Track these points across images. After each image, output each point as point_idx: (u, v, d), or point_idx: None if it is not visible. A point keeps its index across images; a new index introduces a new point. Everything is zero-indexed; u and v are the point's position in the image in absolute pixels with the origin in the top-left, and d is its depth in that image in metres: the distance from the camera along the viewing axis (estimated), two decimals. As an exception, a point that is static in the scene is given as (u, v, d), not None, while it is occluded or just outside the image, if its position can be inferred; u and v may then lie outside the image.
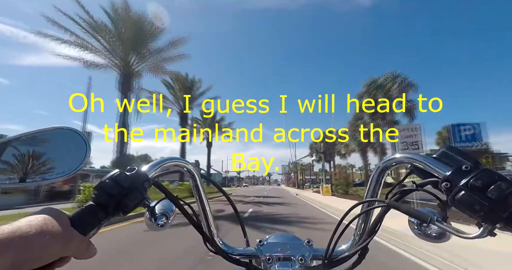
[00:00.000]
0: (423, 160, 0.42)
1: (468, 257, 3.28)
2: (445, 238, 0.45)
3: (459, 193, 0.34)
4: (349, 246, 0.56)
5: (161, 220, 0.51)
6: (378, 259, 3.63)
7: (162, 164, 0.49)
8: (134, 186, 0.39)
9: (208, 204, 0.61)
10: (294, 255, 0.53)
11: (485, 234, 0.34)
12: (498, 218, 0.31)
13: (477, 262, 3.17)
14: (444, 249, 3.56)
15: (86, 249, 0.34)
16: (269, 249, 0.55)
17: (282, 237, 0.60)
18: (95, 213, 0.37)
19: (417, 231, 0.47)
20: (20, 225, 0.30)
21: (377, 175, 0.51)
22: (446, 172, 0.37)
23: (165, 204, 0.52)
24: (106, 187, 0.38)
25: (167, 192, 0.49)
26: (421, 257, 3.77)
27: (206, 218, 0.60)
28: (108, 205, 0.37)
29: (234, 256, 0.56)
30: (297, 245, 0.55)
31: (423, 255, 3.78)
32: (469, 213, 0.33)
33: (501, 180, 0.32)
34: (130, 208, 0.39)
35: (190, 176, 0.58)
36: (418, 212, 0.43)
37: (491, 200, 0.31)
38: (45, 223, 0.31)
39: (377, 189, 0.52)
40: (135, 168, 0.42)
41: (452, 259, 3.35)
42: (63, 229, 0.32)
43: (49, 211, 0.33)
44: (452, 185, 0.35)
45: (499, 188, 0.32)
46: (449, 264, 3.32)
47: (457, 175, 0.36)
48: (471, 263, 3.16)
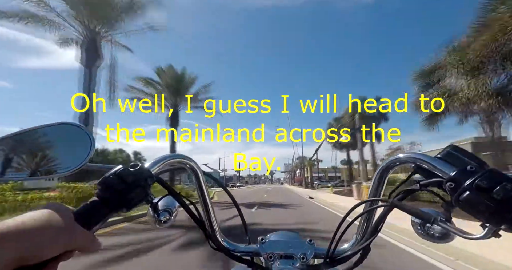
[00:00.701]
0: (427, 160, 0.42)
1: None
2: (449, 239, 0.45)
3: (463, 194, 0.34)
4: (351, 245, 0.56)
5: (164, 216, 0.51)
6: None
7: (165, 161, 0.50)
8: (137, 182, 0.39)
9: (210, 201, 0.61)
10: (296, 253, 0.53)
11: (489, 235, 0.34)
12: (503, 219, 0.31)
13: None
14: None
15: (91, 243, 0.34)
16: (270, 247, 0.55)
17: (284, 235, 0.60)
18: (98, 209, 0.37)
19: (420, 231, 0.47)
20: (25, 219, 0.30)
21: (380, 175, 0.51)
22: (450, 172, 0.37)
23: (168, 201, 0.52)
24: (110, 182, 0.38)
25: (170, 188, 0.49)
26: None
27: (209, 216, 0.60)
28: (111, 201, 0.37)
29: (236, 254, 0.56)
30: (299, 243, 0.55)
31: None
32: (474, 213, 0.33)
33: (507, 181, 0.32)
34: (133, 204, 0.39)
35: (193, 173, 0.58)
36: (421, 212, 0.43)
37: (496, 201, 0.31)
38: (49, 217, 0.31)
39: (380, 188, 0.52)
40: (138, 164, 0.42)
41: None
42: (67, 224, 0.32)
43: (54, 206, 0.34)
44: (456, 186, 0.35)
45: (504, 189, 0.31)
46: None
47: (462, 176, 0.35)
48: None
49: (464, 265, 3.28)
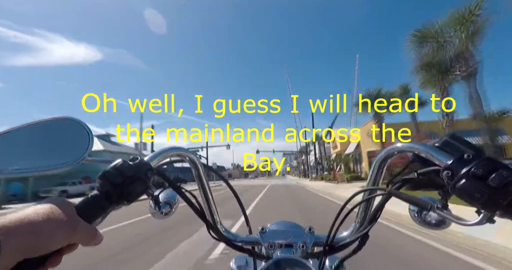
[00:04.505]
0: (425, 149, 0.43)
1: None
2: (445, 225, 0.46)
3: (460, 181, 0.34)
4: (350, 233, 0.57)
5: (165, 208, 0.52)
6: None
7: (164, 154, 0.50)
8: (137, 175, 0.40)
9: (210, 192, 0.62)
10: (296, 241, 0.54)
11: (484, 221, 0.35)
12: (497, 206, 0.32)
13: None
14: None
15: (93, 236, 0.35)
16: (271, 236, 0.56)
17: (284, 224, 0.61)
18: (99, 202, 0.37)
19: (417, 218, 0.48)
20: (27, 213, 0.30)
21: (379, 164, 0.52)
22: (447, 161, 0.37)
23: (168, 193, 0.53)
24: (110, 176, 0.38)
25: (170, 181, 0.49)
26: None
27: (209, 207, 0.61)
28: (112, 194, 0.38)
29: (237, 243, 0.57)
30: (299, 232, 0.56)
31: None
32: (470, 200, 0.33)
33: (503, 168, 0.33)
34: (134, 196, 0.39)
35: (192, 165, 0.58)
36: (418, 200, 0.43)
37: (492, 188, 0.32)
38: (51, 211, 0.32)
39: (378, 177, 0.53)
40: (137, 158, 0.42)
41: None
42: (69, 217, 0.32)
43: (55, 200, 0.34)
44: (453, 174, 0.36)
45: (500, 176, 0.32)
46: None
47: (459, 164, 0.36)
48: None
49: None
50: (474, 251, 3.47)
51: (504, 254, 3.18)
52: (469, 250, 3.55)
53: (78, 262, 3.28)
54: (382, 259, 3.35)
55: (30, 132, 0.45)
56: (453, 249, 3.61)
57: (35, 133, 0.45)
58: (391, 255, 3.54)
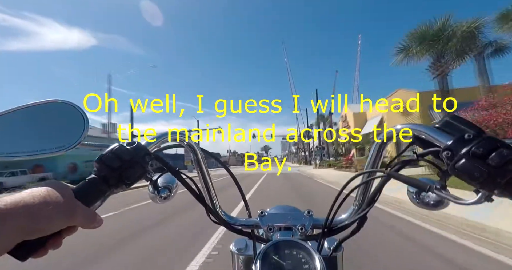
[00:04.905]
0: (424, 130, 0.42)
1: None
2: (443, 206, 0.46)
3: (459, 161, 0.34)
4: (349, 215, 0.58)
5: (164, 193, 0.52)
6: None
7: (162, 138, 0.49)
8: (135, 159, 0.39)
9: (210, 177, 0.62)
10: (295, 224, 0.55)
11: (482, 200, 0.35)
12: (496, 184, 0.32)
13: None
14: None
15: (92, 219, 0.35)
16: (270, 219, 0.56)
17: (283, 208, 0.61)
18: (97, 186, 0.37)
19: (415, 200, 0.48)
20: (23, 196, 0.30)
21: (378, 146, 0.51)
22: (447, 141, 0.37)
23: (167, 178, 0.53)
24: (107, 160, 0.38)
25: (168, 165, 0.49)
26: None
27: (208, 191, 0.61)
28: (109, 178, 0.38)
29: (237, 227, 0.58)
30: (298, 215, 0.57)
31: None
32: (469, 180, 0.33)
33: (503, 147, 0.32)
34: (133, 180, 0.39)
35: (191, 150, 0.58)
36: (417, 181, 0.43)
37: (491, 166, 0.31)
38: (48, 194, 0.31)
39: (378, 159, 0.53)
40: (135, 142, 0.42)
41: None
42: (67, 200, 0.32)
43: (53, 184, 0.34)
44: (453, 154, 0.35)
45: (500, 154, 0.31)
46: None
47: (459, 144, 0.35)
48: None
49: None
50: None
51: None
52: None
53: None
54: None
55: (26, 115, 0.44)
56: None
57: (31, 116, 0.44)
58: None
